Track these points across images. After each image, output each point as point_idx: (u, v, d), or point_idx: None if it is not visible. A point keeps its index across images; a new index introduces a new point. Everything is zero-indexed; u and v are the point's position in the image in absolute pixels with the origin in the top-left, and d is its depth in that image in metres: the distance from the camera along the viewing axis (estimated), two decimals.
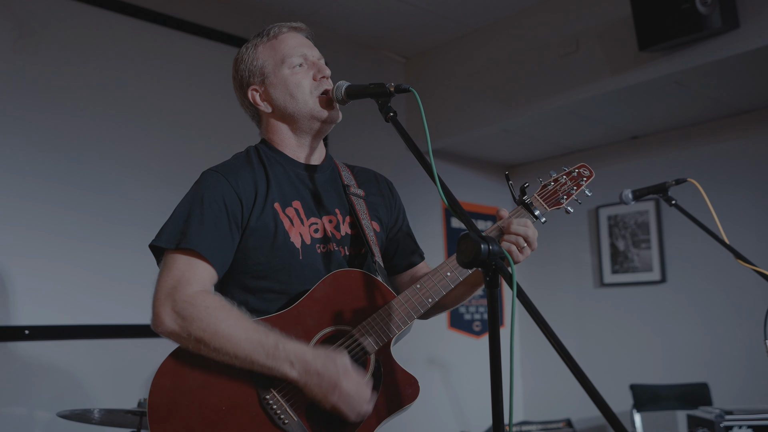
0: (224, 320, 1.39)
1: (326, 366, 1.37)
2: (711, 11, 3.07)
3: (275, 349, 1.37)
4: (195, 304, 1.40)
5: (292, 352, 1.38)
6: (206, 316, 1.38)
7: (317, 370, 1.36)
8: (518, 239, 1.49)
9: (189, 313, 1.38)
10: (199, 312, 1.39)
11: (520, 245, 1.50)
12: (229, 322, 1.39)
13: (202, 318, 1.38)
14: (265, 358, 1.37)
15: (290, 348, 1.38)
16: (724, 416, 2.99)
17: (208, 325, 1.38)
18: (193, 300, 1.40)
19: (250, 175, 1.56)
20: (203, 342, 1.38)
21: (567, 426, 4.38)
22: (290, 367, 1.37)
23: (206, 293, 1.44)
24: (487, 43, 4.23)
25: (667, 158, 4.42)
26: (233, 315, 1.41)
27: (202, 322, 1.38)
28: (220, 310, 1.41)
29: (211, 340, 1.37)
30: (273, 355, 1.37)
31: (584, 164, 1.69)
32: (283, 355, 1.37)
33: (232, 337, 1.37)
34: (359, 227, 1.62)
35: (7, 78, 2.99)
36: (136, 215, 3.22)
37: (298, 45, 1.65)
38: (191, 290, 1.42)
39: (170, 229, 1.48)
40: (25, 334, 2.90)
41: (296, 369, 1.37)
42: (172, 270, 1.44)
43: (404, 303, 1.49)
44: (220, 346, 1.37)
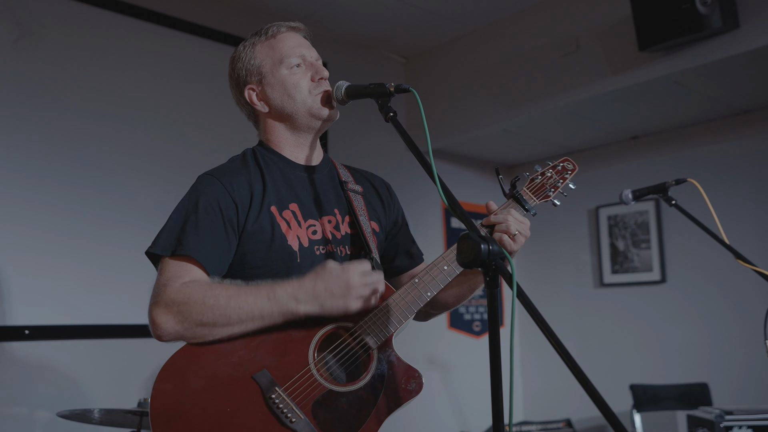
0: (214, 293, 1.39)
1: (327, 281, 1.39)
2: (711, 11, 3.07)
3: (274, 294, 1.39)
4: (183, 290, 1.40)
5: (291, 289, 1.39)
6: (196, 296, 1.38)
7: (323, 290, 1.38)
8: (507, 226, 1.52)
9: (179, 301, 1.38)
10: (187, 296, 1.39)
11: (510, 232, 1.51)
12: (220, 292, 1.40)
13: (194, 300, 1.38)
14: (272, 305, 1.38)
15: (288, 287, 1.40)
16: (724, 416, 2.99)
17: (202, 303, 1.37)
18: (182, 287, 1.41)
19: (245, 179, 1.56)
20: (206, 323, 1.37)
21: (567, 426, 4.38)
22: (296, 303, 1.38)
23: (193, 281, 1.43)
24: (487, 43, 4.23)
25: (667, 158, 4.42)
26: (221, 286, 1.42)
27: (195, 304, 1.38)
28: (207, 286, 1.41)
29: (212, 316, 1.37)
30: (276, 299, 1.38)
31: (567, 158, 1.73)
32: (285, 296, 1.38)
33: (228, 304, 1.38)
34: (357, 225, 1.62)
35: (7, 78, 2.99)
36: (136, 215, 3.22)
37: (297, 45, 1.64)
38: (179, 283, 1.42)
39: (166, 235, 1.48)
40: (25, 334, 2.90)
41: (304, 300, 1.38)
42: (164, 274, 1.44)
43: (403, 297, 1.49)
44: (222, 317, 1.37)
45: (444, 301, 1.70)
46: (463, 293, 1.69)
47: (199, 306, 1.37)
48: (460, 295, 1.70)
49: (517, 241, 1.53)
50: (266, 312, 1.39)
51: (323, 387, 1.41)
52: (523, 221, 1.56)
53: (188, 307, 1.38)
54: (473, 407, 4.59)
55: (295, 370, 1.41)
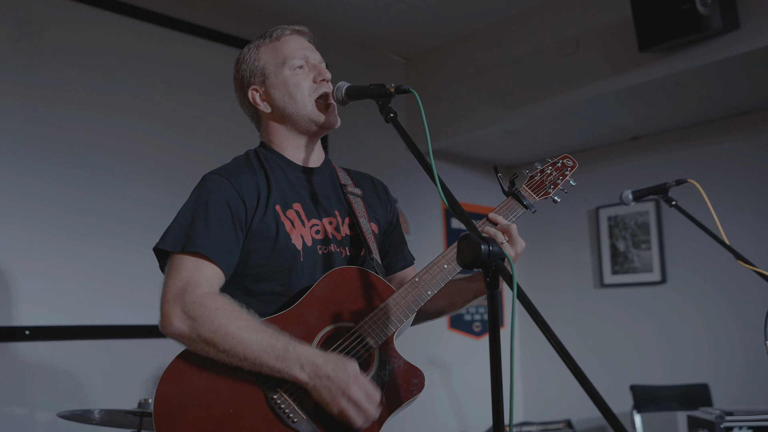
0: (234, 322, 1.39)
1: (337, 370, 1.36)
2: (711, 12, 3.07)
3: (285, 352, 1.37)
4: (205, 305, 1.40)
5: (302, 355, 1.37)
6: (216, 317, 1.38)
7: (327, 374, 1.36)
8: (496, 233, 1.52)
9: (199, 314, 1.38)
10: (209, 313, 1.38)
11: (498, 239, 1.52)
12: (239, 324, 1.39)
13: (212, 319, 1.38)
14: (275, 361, 1.37)
15: (300, 351, 1.38)
16: (725, 417, 2.99)
17: (219, 326, 1.37)
18: (203, 301, 1.40)
19: (251, 178, 1.57)
20: (212, 344, 1.38)
21: (567, 427, 4.38)
22: (300, 370, 1.37)
23: (215, 294, 1.44)
24: (488, 43, 4.24)
25: (668, 159, 4.42)
26: (243, 317, 1.41)
27: (212, 324, 1.38)
28: (230, 311, 1.41)
29: (221, 342, 1.37)
30: (283, 357, 1.37)
31: (567, 155, 1.74)
32: (294, 358, 1.37)
33: (242, 338, 1.37)
34: (357, 226, 1.63)
35: (8, 78, 2.99)
36: (137, 216, 3.22)
37: (300, 47, 1.66)
38: (201, 291, 1.42)
39: (175, 232, 1.48)
40: (26, 334, 2.90)
41: (306, 372, 1.36)
42: (180, 272, 1.44)
43: (404, 297, 1.49)
44: (229, 348, 1.37)
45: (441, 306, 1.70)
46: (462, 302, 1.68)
47: (214, 328, 1.38)
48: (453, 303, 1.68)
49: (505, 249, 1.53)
50: (267, 366, 1.37)
51: None
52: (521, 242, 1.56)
53: (203, 324, 1.38)
54: (473, 408, 4.59)
55: None
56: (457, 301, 1.67)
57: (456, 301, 1.67)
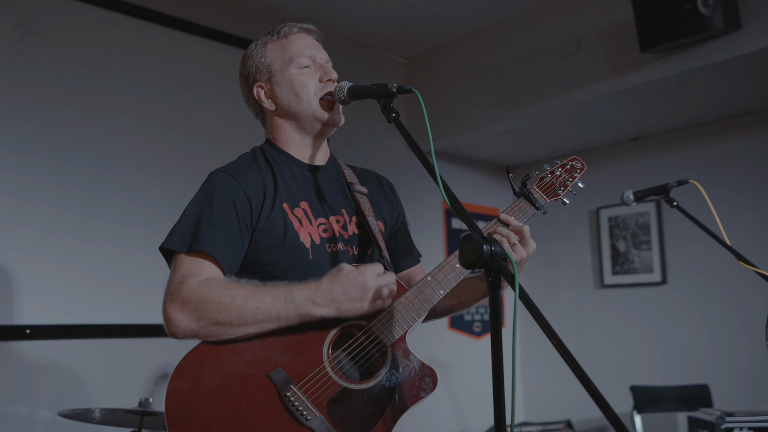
0: (231, 292, 1.39)
1: (342, 281, 1.39)
2: (713, 12, 3.07)
3: (292, 296, 1.39)
4: (200, 288, 1.40)
5: (308, 292, 1.39)
6: (214, 295, 1.38)
7: (340, 290, 1.38)
8: (509, 234, 1.53)
9: (196, 299, 1.38)
10: (205, 294, 1.39)
11: (511, 240, 1.53)
12: (237, 292, 1.40)
13: (211, 299, 1.38)
14: (289, 308, 1.38)
15: (305, 289, 1.40)
16: (725, 418, 2.99)
17: (219, 302, 1.37)
18: (199, 286, 1.41)
19: (258, 176, 1.56)
20: (222, 322, 1.37)
21: (567, 427, 4.37)
22: (313, 306, 1.39)
23: (209, 279, 1.43)
24: (489, 43, 4.24)
25: (669, 159, 4.42)
26: (239, 285, 1.42)
27: (212, 303, 1.38)
28: (225, 285, 1.41)
29: (229, 315, 1.37)
30: (293, 301, 1.39)
31: (576, 157, 1.75)
32: (302, 299, 1.39)
33: (246, 304, 1.38)
34: (365, 225, 1.63)
35: (9, 78, 2.99)
36: (138, 215, 3.22)
37: (307, 46, 1.65)
38: (196, 280, 1.42)
39: (181, 231, 1.48)
40: (27, 333, 2.90)
41: (321, 303, 1.39)
42: (179, 271, 1.44)
43: (416, 296, 1.49)
44: (239, 317, 1.37)
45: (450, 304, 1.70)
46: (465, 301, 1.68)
47: (216, 305, 1.38)
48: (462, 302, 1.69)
49: (516, 251, 1.54)
50: (283, 314, 1.39)
51: (338, 385, 1.41)
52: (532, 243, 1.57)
53: (204, 305, 1.38)
54: (473, 408, 4.58)
55: (310, 368, 1.41)
56: (466, 300, 1.67)
57: (465, 301, 1.68)
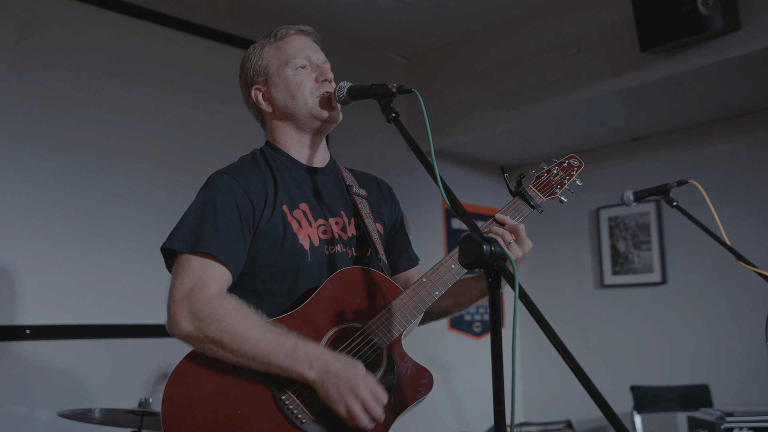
0: (242, 321, 1.39)
1: (345, 368, 1.36)
2: (712, 13, 3.07)
3: (294, 350, 1.37)
4: (213, 305, 1.39)
5: (312, 353, 1.37)
6: (224, 317, 1.38)
7: (336, 371, 1.36)
8: (504, 233, 1.54)
9: (207, 314, 1.38)
10: (217, 313, 1.38)
11: (506, 239, 1.53)
12: (247, 323, 1.39)
13: (220, 319, 1.38)
14: (284, 359, 1.36)
15: (309, 349, 1.38)
16: (725, 418, 2.99)
17: (227, 326, 1.37)
18: (211, 301, 1.40)
19: (259, 178, 1.56)
20: (220, 343, 1.37)
21: (567, 427, 4.37)
22: (308, 368, 1.36)
23: (223, 295, 1.43)
24: (489, 44, 4.23)
25: (669, 159, 4.42)
26: (251, 316, 1.41)
27: (220, 323, 1.37)
28: (238, 311, 1.40)
29: (229, 342, 1.37)
30: (292, 355, 1.36)
31: (573, 155, 1.74)
32: (303, 356, 1.36)
33: (250, 338, 1.37)
34: (364, 227, 1.63)
35: (9, 78, 2.99)
36: (138, 216, 3.22)
37: (304, 47, 1.66)
38: (209, 292, 1.41)
39: (184, 231, 1.48)
40: (26, 333, 2.90)
41: (315, 369, 1.36)
42: (188, 272, 1.43)
43: (412, 297, 1.49)
44: (237, 347, 1.37)
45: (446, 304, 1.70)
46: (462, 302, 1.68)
47: (222, 328, 1.37)
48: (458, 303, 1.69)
49: (512, 250, 1.55)
50: (275, 364, 1.37)
51: None
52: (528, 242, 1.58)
53: (210, 323, 1.38)
54: (473, 408, 4.58)
55: None
56: (463, 300, 1.67)
57: (461, 301, 1.67)
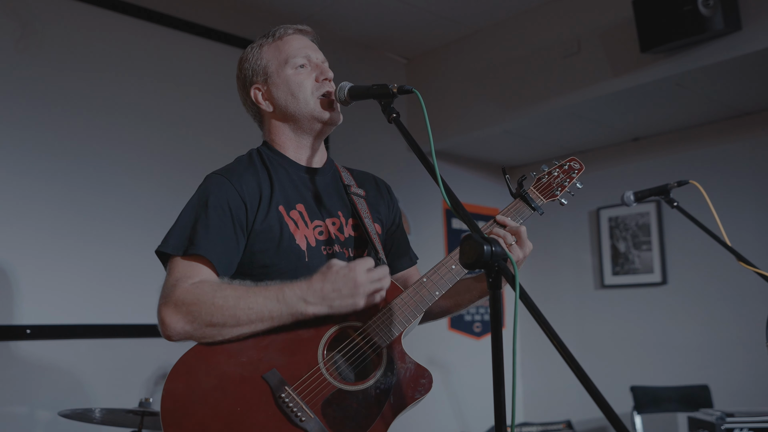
0: (223, 293, 1.40)
1: (335, 280, 1.39)
2: (713, 13, 3.07)
3: (283, 296, 1.39)
4: (193, 291, 1.40)
5: (300, 291, 1.40)
6: (206, 297, 1.39)
7: (331, 288, 1.39)
8: (505, 235, 1.54)
9: (189, 301, 1.39)
10: (197, 296, 1.39)
11: (507, 241, 1.53)
12: (229, 293, 1.40)
13: (204, 300, 1.38)
14: (281, 307, 1.39)
15: (296, 288, 1.40)
16: (725, 418, 2.99)
17: (212, 304, 1.38)
18: (191, 288, 1.41)
19: (253, 178, 1.57)
20: (215, 323, 1.38)
21: (567, 427, 4.37)
22: (305, 304, 1.39)
23: (202, 281, 1.44)
24: (489, 44, 4.24)
25: (669, 160, 4.42)
26: (230, 287, 1.43)
27: (204, 305, 1.38)
28: (218, 287, 1.42)
29: (222, 316, 1.37)
30: (285, 300, 1.39)
31: (574, 158, 1.75)
32: (294, 297, 1.39)
33: (237, 304, 1.38)
34: (362, 227, 1.63)
35: (10, 78, 2.99)
36: (138, 215, 3.22)
37: (303, 47, 1.66)
38: (189, 283, 1.42)
39: (177, 234, 1.48)
40: (27, 333, 2.90)
41: (313, 301, 1.39)
42: (173, 274, 1.45)
43: (412, 297, 1.49)
44: (232, 317, 1.38)
45: (445, 305, 1.70)
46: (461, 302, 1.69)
47: (209, 306, 1.38)
48: (458, 303, 1.69)
49: (513, 252, 1.55)
50: (275, 313, 1.39)
51: (333, 386, 1.42)
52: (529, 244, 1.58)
53: (197, 307, 1.38)
54: (473, 408, 4.59)
55: (305, 369, 1.42)
56: (462, 301, 1.68)
57: (461, 302, 1.68)
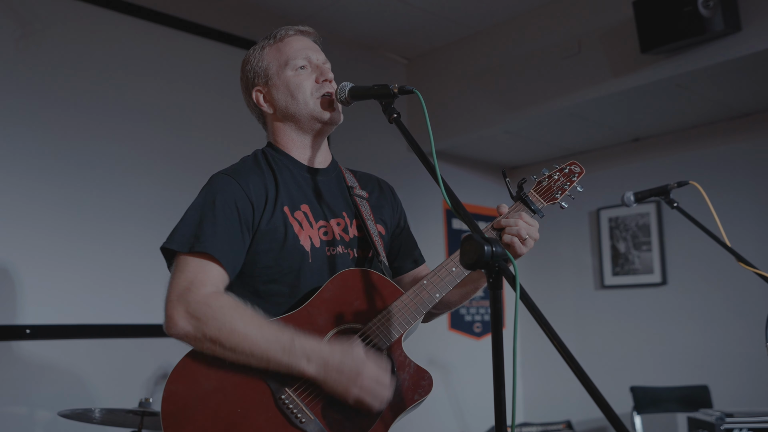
0: (239, 319, 1.39)
1: (344, 359, 1.37)
2: (713, 14, 3.07)
3: (291, 345, 1.37)
4: (209, 304, 1.40)
5: (308, 348, 1.38)
6: (221, 315, 1.38)
7: (336, 365, 1.37)
8: (519, 230, 1.52)
9: (203, 313, 1.38)
10: (213, 312, 1.38)
11: (522, 236, 1.52)
12: (245, 321, 1.39)
13: (217, 317, 1.38)
14: (282, 355, 1.37)
15: (306, 343, 1.38)
16: (725, 419, 2.99)
17: (224, 324, 1.38)
18: (208, 300, 1.40)
19: (260, 179, 1.57)
20: (218, 342, 1.38)
21: (567, 428, 4.38)
22: (307, 363, 1.37)
23: (220, 294, 1.44)
24: (489, 44, 4.24)
25: (669, 160, 4.42)
26: (248, 313, 1.42)
27: (217, 322, 1.38)
28: (235, 309, 1.41)
29: (227, 340, 1.37)
30: (289, 351, 1.37)
31: (574, 161, 1.75)
32: (300, 351, 1.37)
33: (247, 335, 1.37)
34: (365, 228, 1.63)
35: (10, 77, 2.99)
36: (138, 215, 3.22)
37: (303, 48, 1.66)
38: (205, 291, 1.42)
39: (183, 231, 1.48)
40: (26, 333, 2.90)
41: (314, 364, 1.37)
42: (184, 272, 1.44)
43: (413, 299, 1.49)
44: (235, 345, 1.37)
45: (448, 300, 1.70)
46: (468, 293, 1.69)
47: (220, 326, 1.38)
48: (465, 294, 1.70)
49: (527, 245, 1.54)
50: (274, 360, 1.38)
51: None
52: (533, 224, 1.57)
53: (208, 321, 1.38)
54: (473, 408, 4.59)
55: None
56: (468, 292, 1.68)
57: (467, 293, 1.68)
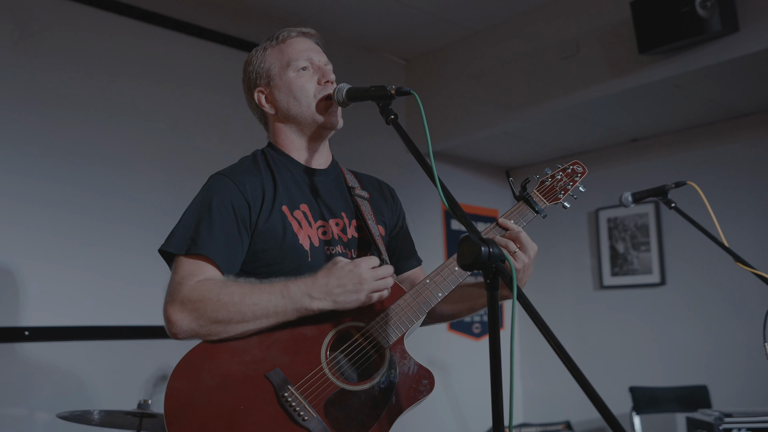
0: (231, 289, 1.41)
1: (338, 274, 1.41)
2: (711, 15, 3.08)
3: (288, 291, 1.41)
4: (198, 288, 1.42)
5: (305, 286, 1.42)
6: (213, 294, 1.40)
7: (336, 283, 1.40)
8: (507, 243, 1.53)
9: (196, 297, 1.40)
10: (203, 293, 1.41)
11: (510, 249, 1.52)
12: (235, 289, 1.42)
13: (209, 297, 1.40)
14: (286, 303, 1.40)
15: (301, 284, 1.42)
16: (724, 419, 2.99)
17: (218, 300, 1.40)
18: (197, 285, 1.43)
19: (257, 179, 1.58)
20: (219, 319, 1.39)
21: (566, 428, 4.38)
22: (310, 299, 1.41)
23: (207, 279, 1.45)
24: (488, 45, 4.24)
25: (667, 161, 4.43)
26: (236, 283, 1.44)
27: (211, 301, 1.40)
28: (223, 284, 1.43)
29: (227, 313, 1.39)
30: (290, 296, 1.41)
31: (577, 161, 1.75)
32: (299, 293, 1.41)
33: (243, 301, 1.40)
34: (366, 228, 1.64)
35: (9, 79, 3.00)
36: (137, 217, 3.22)
37: (305, 49, 1.67)
38: (194, 281, 1.44)
39: (180, 234, 1.50)
40: (25, 335, 2.90)
41: (318, 296, 1.41)
42: (179, 273, 1.46)
43: (415, 299, 1.50)
44: (237, 313, 1.39)
45: (440, 312, 1.72)
46: (464, 311, 1.70)
47: (214, 303, 1.40)
48: (456, 312, 1.71)
49: (517, 259, 1.53)
50: (280, 309, 1.41)
51: (335, 386, 1.43)
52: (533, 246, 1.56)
53: (203, 304, 1.40)
54: (473, 409, 4.59)
55: (308, 369, 1.43)
56: (476, 306, 1.69)
57: (475, 306, 1.69)
